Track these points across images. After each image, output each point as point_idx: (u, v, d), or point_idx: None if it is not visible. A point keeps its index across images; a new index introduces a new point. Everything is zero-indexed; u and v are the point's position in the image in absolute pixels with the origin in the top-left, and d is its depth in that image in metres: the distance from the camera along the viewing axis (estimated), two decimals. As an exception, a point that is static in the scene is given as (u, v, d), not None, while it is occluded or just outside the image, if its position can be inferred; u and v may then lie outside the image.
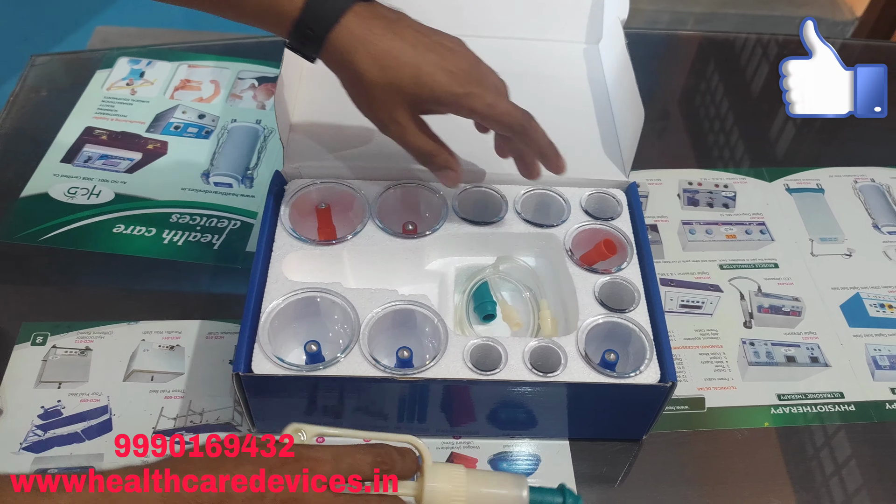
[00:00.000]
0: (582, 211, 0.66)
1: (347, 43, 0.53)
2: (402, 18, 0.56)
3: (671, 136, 0.90)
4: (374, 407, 0.58)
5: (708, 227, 0.78)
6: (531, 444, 0.60)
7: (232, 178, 0.79)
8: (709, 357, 0.67)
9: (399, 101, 0.55)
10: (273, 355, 0.55)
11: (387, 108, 0.56)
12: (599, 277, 0.61)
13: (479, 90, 0.55)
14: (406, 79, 0.54)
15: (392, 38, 0.54)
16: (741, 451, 0.62)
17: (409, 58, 0.54)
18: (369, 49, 0.53)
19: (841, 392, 0.65)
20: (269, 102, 0.87)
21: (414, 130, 0.57)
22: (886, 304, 0.72)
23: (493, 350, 0.57)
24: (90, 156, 0.80)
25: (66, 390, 0.62)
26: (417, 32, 0.55)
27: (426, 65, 0.54)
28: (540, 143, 0.59)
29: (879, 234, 0.79)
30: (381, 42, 0.54)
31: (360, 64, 0.54)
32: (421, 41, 0.55)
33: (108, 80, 0.88)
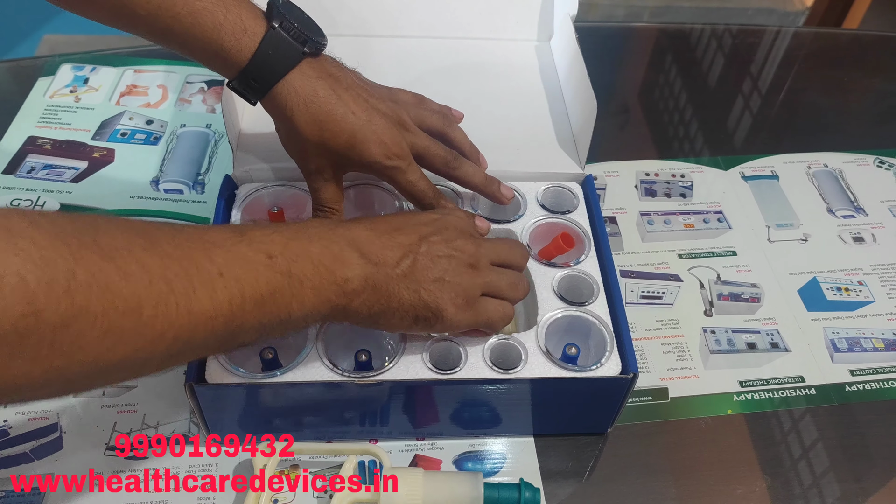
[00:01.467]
0: (539, 205, 0.65)
1: (290, 99, 0.55)
2: (345, 77, 0.57)
3: (631, 128, 0.90)
4: (335, 412, 0.57)
5: (666, 217, 0.78)
6: (496, 442, 0.60)
7: (183, 185, 0.77)
8: (671, 347, 0.67)
9: (329, 160, 0.57)
10: (227, 364, 0.53)
11: (316, 161, 0.58)
12: (558, 271, 0.61)
13: (404, 164, 0.57)
14: (341, 144, 0.56)
15: (335, 101, 0.55)
16: (706, 440, 0.62)
17: (348, 124, 0.55)
18: (310, 109, 0.55)
19: (801, 376, 0.66)
20: (218, 106, 0.85)
21: (332, 185, 0.59)
22: (843, 288, 0.73)
23: (453, 349, 0.56)
24: (33, 166, 0.78)
25: (11, 409, 0.59)
26: (358, 97, 0.56)
27: (361, 132, 0.56)
28: (475, 184, 0.62)
29: (834, 218, 0.80)
30: (322, 104, 0.55)
31: (298, 121, 0.55)
32: (361, 106, 0.56)
33: (50, 87, 0.86)
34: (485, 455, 0.59)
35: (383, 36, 0.79)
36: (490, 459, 0.59)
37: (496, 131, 0.71)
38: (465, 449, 0.59)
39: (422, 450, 0.59)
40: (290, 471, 0.57)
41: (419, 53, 0.78)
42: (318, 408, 0.56)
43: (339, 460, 0.57)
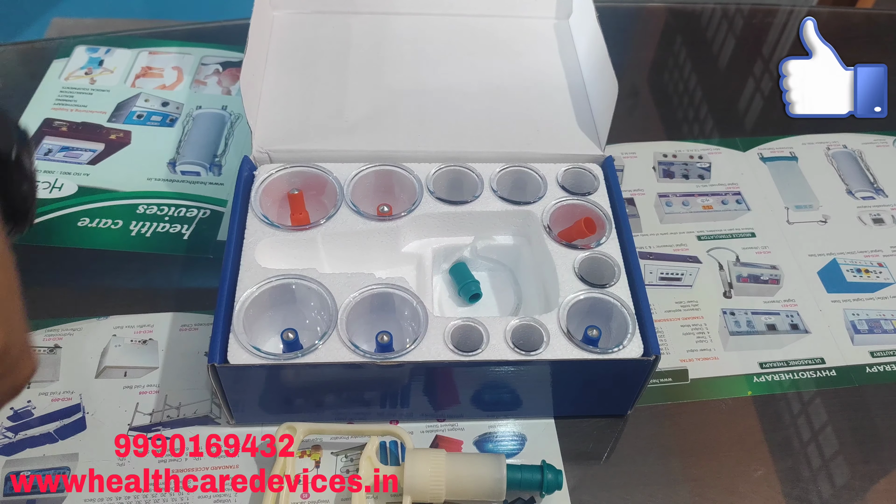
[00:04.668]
0: (559, 187, 0.65)
1: None
2: None
3: (643, 109, 0.89)
4: (356, 393, 0.57)
5: (684, 198, 0.78)
6: (516, 423, 0.60)
7: (199, 167, 0.77)
8: (690, 329, 0.67)
9: None
10: (249, 345, 0.53)
11: None
12: (579, 253, 0.61)
13: None
14: None
15: None
16: (726, 421, 0.62)
17: None
18: None
19: (822, 358, 0.66)
20: (234, 88, 0.85)
21: None
22: (863, 269, 0.72)
23: (475, 331, 0.56)
24: (50, 148, 0.78)
25: (35, 390, 0.60)
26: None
27: None
28: None
29: (853, 199, 0.79)
30: None
31: None
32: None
33: (65, 69, 0.86)
34: (506, 437, 0.59)
35: (401, 13, 0.79)
36: (511, 441, 0.59)
37: (516, 111, 0.70)
38: (486, 430, 0.59)
39: (443, 431, 0.59)
40: (313, 451, 0.57)
41: (437, 31, 0.78)
42: (339, 389, 0.56)
43: (361, 441, 0.58)
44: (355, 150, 0.65)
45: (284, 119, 0.68)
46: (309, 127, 0.67)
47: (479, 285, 0.63)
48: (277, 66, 0.73)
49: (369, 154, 0.65)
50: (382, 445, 0.58)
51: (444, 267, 0.65)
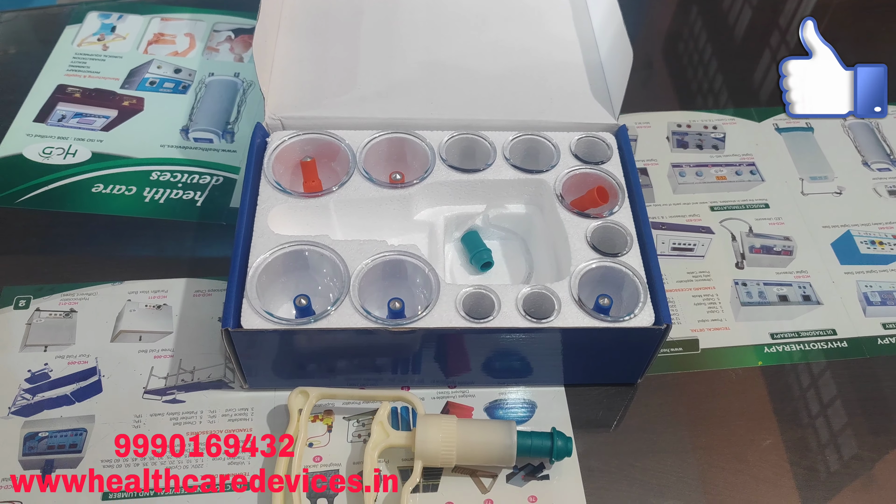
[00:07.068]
0: (571, 155, 0.65)
1: None
2: None
3: (658, 79, 0.88)
4: (368, 359, 0.57)
5: (698, 169, 0.77)
6: (527, 391, 0.60)
7: (212, 133, 0.77)
8: (702, 299, 0.67)
9: None
10: (262, 310, 0.54)
11: None
12: (591, 222, 0.60)
13: None
14: None
15: None
16: (736, 391, 0.62)
17: None
18: None
19: (833, 329, 0.66)
20: (246, 55, 0.85)
21: None
22: (877, 241, 0.72)
23: (486, 298, 0.56)
24: (64, 114, 0.78)
25: (52, 353, 0.61)
26: None
27: None
28: None
29: (869, 171, 0.78)
30: None
31: None
32: None
33: (77, 35, 0.85)
34: (516, 403, 0.60)
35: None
36: (521, 408, 0.59)
37: (529, 80, 0.70)
38: (497, 397, 0.60)
39: (453, 397, 0.60)
40: (325, 416, 0.58)
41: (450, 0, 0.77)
42: (351, 355, 0.57)
43: (372, 406, 0.58)
44: (368, 117, 0.65)
45: (297, 86, 0.67)
46: (322, 94, 0.67)
47: (490, 254, 0.63)
48: (290, 33, 0.72)
49: (382, 121, 0.65)
50: (394, 411, 0.58)
51: (456, 235, 0.65)
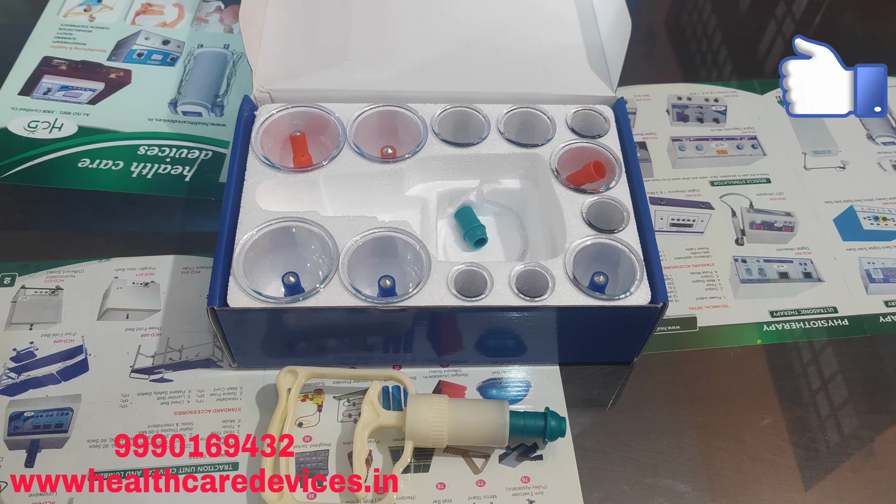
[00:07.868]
0: (568, 129, 0.63)
1: None
2: None
3: (660, 51, 0.86)
4: (358, 338, 0.56)
5: (698, 142, 0.75)
6: (521, 370, 0.59)
7: (201, 107, 0.75)
8: (700, 276, 0.66)
9: None
10: (249, 288, 0.53)
11: None
12: (587, 198, 0.59)
13: None
14: None
15: None
16: (734, 369, 0.61)
17: None
18: None
19: (834, 307, 0.64)
20: (236, 25, 0.83)
21: None
22: (881, 217, 0.70)
23: (478, 275, 0.55)
24: (50, 87, 0.76)
25: (38, 331, 0.60)
26: None
27: None
28: None
29: (874, 145, 0.77)
30: None
31: None
32: None
33: (63, 6, 0.83)
34: (509, 383, 0.59)
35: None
36: (514, 387, 0.58)
37: (524, 51, 0.68)
38: (490, 376, 0.59)
39: (446, 376, 0.59)
40: (315, 395, 0.57)
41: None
42: (341, 333, 0.56)
43: (363, 386, 0.57)
44: (359, 89, 0.64)
45: (286, 57, 0.66)
46: (311, 66, 0.65)
47: (484, 230, 0.62)
48: (279, 3, 0.70)
49: (373, 94, 0.64)
50: (385, 390, 0.57)
51: (450, 211, 0.64)
